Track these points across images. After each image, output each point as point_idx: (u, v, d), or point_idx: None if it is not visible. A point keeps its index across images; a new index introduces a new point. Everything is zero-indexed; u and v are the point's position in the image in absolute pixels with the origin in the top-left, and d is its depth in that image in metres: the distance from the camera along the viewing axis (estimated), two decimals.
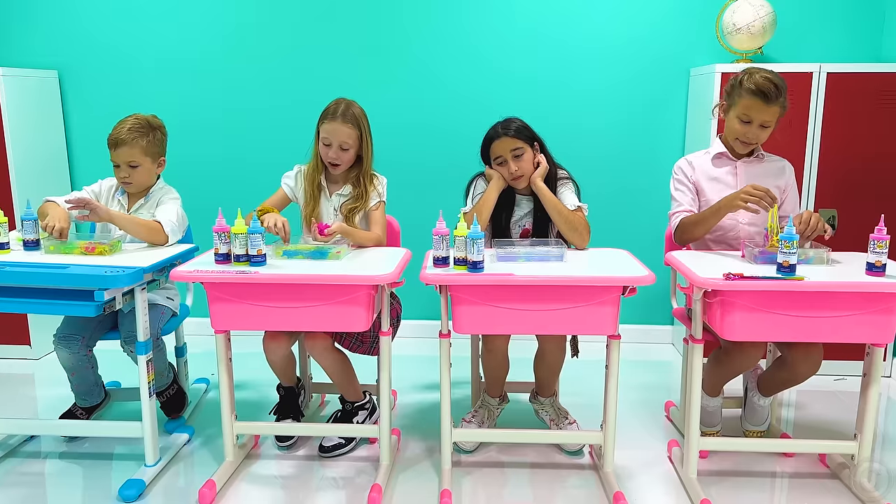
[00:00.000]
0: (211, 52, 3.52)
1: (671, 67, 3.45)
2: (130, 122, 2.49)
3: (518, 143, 2.43)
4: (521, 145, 2.43)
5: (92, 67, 3.56)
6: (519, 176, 2.45)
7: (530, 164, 2.46)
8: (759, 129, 2.35)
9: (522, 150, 2.44)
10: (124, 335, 2.42)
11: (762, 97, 2.29)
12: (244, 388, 3.04)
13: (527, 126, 2.49)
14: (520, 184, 2.48)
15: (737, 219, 2.43)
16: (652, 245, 3.09)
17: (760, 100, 2.30)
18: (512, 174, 2.45)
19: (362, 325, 2.15)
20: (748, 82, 2.31)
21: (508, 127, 2.45)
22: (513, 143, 2.43)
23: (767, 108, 2.30)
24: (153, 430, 2.34)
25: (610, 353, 2.21)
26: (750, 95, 2.31)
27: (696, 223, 2.40)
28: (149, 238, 2.44)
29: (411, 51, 3.48)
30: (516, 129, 2.45)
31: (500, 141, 2.44)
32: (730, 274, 2.04)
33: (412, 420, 2.78)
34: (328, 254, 2.27)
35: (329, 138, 2.44)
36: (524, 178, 2.46)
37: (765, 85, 2.28)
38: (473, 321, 2.14)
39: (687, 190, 2.48)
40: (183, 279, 2.15)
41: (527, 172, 2.45)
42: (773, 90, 2.28)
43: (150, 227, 2.44)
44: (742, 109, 2.35)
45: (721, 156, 2.47)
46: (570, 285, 2.08)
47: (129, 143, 2.46)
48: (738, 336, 2.11)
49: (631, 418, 2.80)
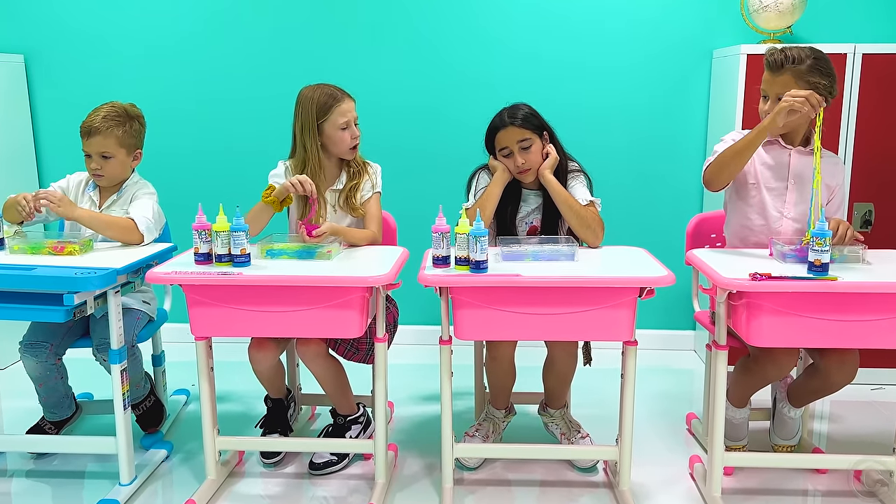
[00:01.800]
0: (191, 34, 3.52)
1: (692, 48, 3.44)
2: (106, 110, 2.49)
3: (526, 133, 2.42)
4: (529, 136, 2.42)
5: (62, 51, 3.56)
6: (526, 169, 2.44)
7: (538, 156, 2.45)
8: (775, 103, 2.30)
9: (530, 141, 2.43)
10: (96, 342, 2.42)
11: (770, 67, 2.30)
12: (227, 400, 3.04)
13: (535, 113, 2.47)
14: (527, 177, 2.48)
15: (782, 212, 2.42)
16: (671, 242, 3.09)
17: (769, 70, 2.31)
18: (519, 167, 2.44)
19: (355, 330, 2.15)
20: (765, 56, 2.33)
21: (515, 115, 2.44)
22: (520, 133, 2.42)
23: (775, 79, 2.30)
24: (128, 446, 2.33)
25: (626, 360, 2.20)
26: (765, 69, 2.33)
27: (738, 151, 2.28)
28: (122, 238, 2.44)
29: (408, 28, 3.48)
30: (524, 117, 2.44)
31: (506, 131, 2.43)
32: (756, 274, 2.04)
33: (410, 434, 2.78)
34: (316, 253, 2.27)
35: (346, 118, 2.45)
36: (532, 171, 2.46)
37: (772, 54, 2.29)
38: (477, 326, 2.14)
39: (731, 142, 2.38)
40: (160, 281, 2.15)
41: (535, 165, 2.45)
42: (780, 57, 2.27)
43: (123, 225, 2.43)
44: (761, 86, 2.36)
45: (773, 143, 2.44)
46: (582, 287, 2.07)
47: (102, 131, 2.46)
48: (765, 342, 2.10)
49: (649, 431, 2.79)
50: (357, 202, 2.52)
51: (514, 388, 2.59)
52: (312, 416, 2.95)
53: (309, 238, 2.30)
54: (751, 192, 2.44)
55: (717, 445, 2.24)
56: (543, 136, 2.46)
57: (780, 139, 2.43)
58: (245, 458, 2.60)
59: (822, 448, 2.62)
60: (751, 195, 2.44)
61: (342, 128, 2.45)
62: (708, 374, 2.53)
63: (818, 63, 2.29)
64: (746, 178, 2.44)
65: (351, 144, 2.49)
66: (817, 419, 2.94)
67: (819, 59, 2.29)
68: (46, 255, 2.31)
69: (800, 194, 2.40)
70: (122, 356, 2.30)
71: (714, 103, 3.44)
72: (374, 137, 2.71)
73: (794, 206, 2.40)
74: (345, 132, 2.46)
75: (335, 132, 2.45)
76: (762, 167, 2.44)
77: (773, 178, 2.42)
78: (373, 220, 2.53)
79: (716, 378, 2.22)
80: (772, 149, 2.45)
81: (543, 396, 2.64)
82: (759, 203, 2.43)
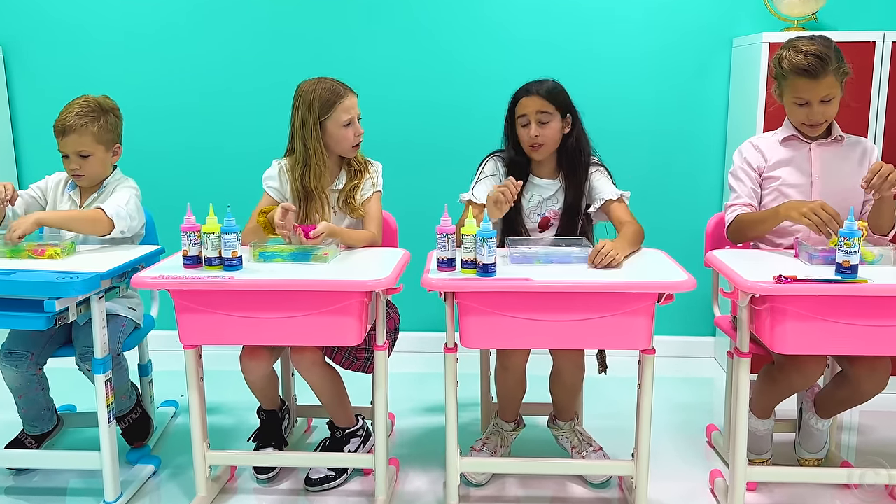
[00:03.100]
0: (179, 23, 3.52)
1: (711, 36, 3.44)
2: (79, 106, 2.48)
3: (548, 105, 2.42)
4: (551, 110, 2.43)
5: (41, 42, 3.55)
6: (539, 144, 2.45)
7: (555, 135, 2.46)
8: (820, 105, 2.33)
9: (550, 116, 2.43)
10: (79, 351, 2.41)
11: (807, 75, 2.29)
12: (218, 412, 3.04)
13: (564, 92, 2.48)
14: (537, 154, 2.48)
15: None
16: (690, 242, 3.08)
17: (806, 78, 2.29)
18: (531, 138, 2.44)
19: (354, 338, 2.14)
20: (787, 63, 2.31)
21: (542, 85, 2.45)
22: (542, 104, 2.42)
23: (819, 84, 2.30)
24: (113, 462, 2.33)
25: (643, 369, 2.19)
26: (794, 76, 2.31)
27: (754, 223, 2.40)
28: (92, 230, 2.44)
29: (408, 15, 3.47)
30: (549, 89, 2.44)
31: (529, 98, 2.44)
32: (781, 276, 2.03)
33: (413, 448, 2.78)
34: (312, 256, 2.26)
35: (350, 115, 2.46)
36: (544, 148, 2.46)
37: (804, 62, 2.27)
38: (484, 334, 2.13)
39: (748, 178, 2.46)
40: (146, 286, 2.15)
41: (548, 142, 2.45)
42: (817, 64, 2.27)
43: (89, 217, 2.43)
44: (793, 92, 2.35)
45: (791, 139, 2.44)
46: (597, 292, 2.07)
47: (78, 129, 2.46)
48: (790, 349, 2.10)
49: (667, 444, 2.79)
50: (357, 202, 2.52)
51: (524, 398, 2.59)
52: (309, 428, 2.95)
53: (305, 240, 2.30)
54: (771, 193, 2.44)
55: (739, 459, 2.23)
56: (566, 117, 2.47)
57: (799, 133, 2.43)
58: (237, 473, 2.59)
59: (851, 462, 2.61)
60: (772, 196, 2.44)
61: (346, 125, 2.46)
62: (729, 384, 2.53)
63: (836, 49, 2.31)
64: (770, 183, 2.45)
65: (354, 142, 2.49)
66: (846, 431, 2.93)
67: (831, 47, 2.31)
68: (26, 259, 2.31)
69: (827, 189, 2.39)
70: (107, 366, 2.29)
71: (734, 95, 3.43)
72: (374, 132, 2.71)
73: None
74: (348, 129, 2.46)
75: (338, 130, 2.45)
76: (783, 167, 2.44)
77: (795, 174, 2.42)
78: (373, 221, 2.52)
79: (738, 387, 2.21)
80: (789, 144, 2.45)
81: (552, 408, 2.63)
82: (782, 202, 2.41)
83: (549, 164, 2.53)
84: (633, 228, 2.37)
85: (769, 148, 2.48)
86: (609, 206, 2.46)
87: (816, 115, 2.35)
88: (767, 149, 2.48)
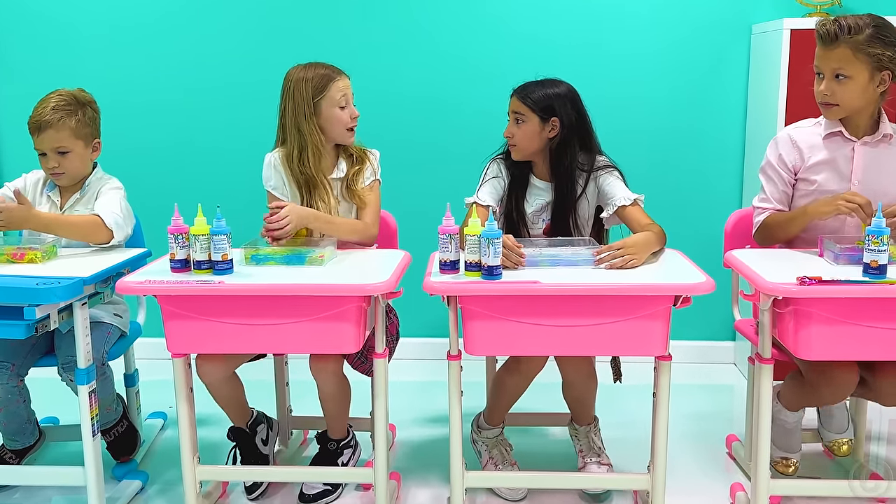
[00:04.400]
0: (165, 14, 3.52)
1: (728, 24, 3.43)
2: (54, 100, 2.48)
3: (521, 107, 2.48)
4: (524, 111, 2.47)
5: (21, 36, 3.55)
6: (511, 144, 2.52)
7: (528, 138, 2.49)
8: (835, 83, 2.28)
9: (525, 118, 2.48)
10: (62, 361, 2.41)
11: (822, 39, 2.27)
12: (209, 424, 3.03)
13: (557, 94, 2.48)
14: (513, 153, 2.54)
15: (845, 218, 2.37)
16: (708, 242, 3.06)
17: (820, 43, 2.28)
18: (506, 137, 2.53)
19: (352, 345, 2.14)
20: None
21: (527, 88, 2.50)
22: (517, 104, 2.50)
23: (830, 53, 2.26)
24: (98, 477, 2.32)
25: (659, 376, 2.19)
26: (817, 43, 2.30)
27: (781, 225, 2.39)
28: (89, 237, 2.44)
29: (406, 7, 3.47)
30: (527, 91, 2.49)
31: (512, 97, 2.52)
32: (805, 277, 2.02)
33: (415, 461, 2.78)
34: (306, 258, 2.25)
35: (344, 93, 2.48)
36: (517, 149, 2.51)
37: (822, 25, 2.26)
38: (489, 340, 2.13)
39: (779, 180, 2.43)
40: (132, 292, 2.15)
41: (521, 144, 2.50)
42: (832, 30, 2.23)
43: (87, 223, 2.43)
44: (814, 63, 2.33)
45: (835, 136, 2.39)
46: (610, 295, 2.07)
47: (55, 124, 2.46)
48: (815, 355, 2.09)
49: (685, 456, 2.78)
50: (359, 188, 2.53)
51: (527, 407, 2.61)
52: (305, 441, 2.94)
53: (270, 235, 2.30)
54: (806, 196, 2.41)
55: (761, 472, 2.22)
56: (549, 120, 2.47)
57: (844, 129, 2.38)
58: (228, 489, 2.59)
59: (880, 474, 2.60)
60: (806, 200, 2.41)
61: (341, 105, 2.47)
62: (751, 391, 2.52)
63: (880, 31, 2.24)
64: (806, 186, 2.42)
65: (350, 125, 2.51)
66: (874, 441, 2.91)
67: (881, 27, 2.25)
68: (5, 264, 2.30)
69: (870, 193, 2.29)
70: (91, 376, 2.29)
71: (753, 85, 3.42)
72: (372, 128, 2.71)
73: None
74: (343, 111, 2.48)
75: (333, 111, 2.46)
76: (820, 167, 2.39)
77: (834, 179, 2.38)
78: (370, 210, 2.52)
79: (759, 395, 2.20)
80: (832, 141, 2.39)
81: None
82: None
83: (544, 166, 2.54)
84: (655, 229, 2.36)
85: (809, 145, 2.41)
86: (623, 211, 2.45)
87: (830, 91, 2.29)
88: (807, 146, 2.41)
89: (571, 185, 2.50)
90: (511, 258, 2.16)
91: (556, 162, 2.50)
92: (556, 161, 2.51)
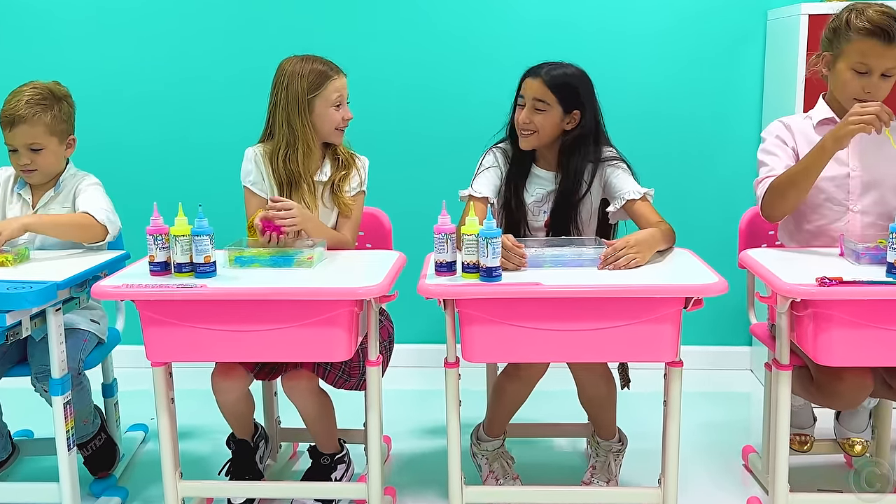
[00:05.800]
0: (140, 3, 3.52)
1: (742, 9, 3.44)
2: (28, 93, 2.48)
3: (548, 94, 2.42)
4: (551, 100, 2.42)
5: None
6: (529, 132, 2.46)
7: (549, 128, 2.45)
8: (881, 80, 2.30)
9: (547, 106, 2.43)
10: (35, 370, 2.40)
11: (881, 37, 2.26)
12: (192, 437, 3.04)
13: (582, 85, 2.46)
14: (524, 142, 2.49)
15: (847, 205, 2.39)
16: (721, 240, 3.07)
17: (878, 40, 2.26)
18: (521, 124, 2.46)
19: (343, 353, 2.14)
20: (859, 20, 2.28)
21: (552, 71, 2.44)
22: (542, 91, 2.42)
23: (889, 51, 2.27)
24: (74, 494, 2.32)
25: (670, 384, 2.19)
26: (863, 36, 2.27)
27: (791, 179, 2.32)
28: (82, 237, 2.45)
29: None
30: (557, 77, 2.43)
31: (534, 80, 2.45)
32: (825, 278, 2.02)
33: (411, 475, 2.78)
34: (294, 260, 2.25)
35: (340, 93, 2.49)
36: (533, 138, 2.47)
37: (882, 20, 2.25)
38: (489, 346, 2.12)
39: (782, 153, 2.42)
40: (109, 296, 2.14)
41: (539, 133, 2.46)
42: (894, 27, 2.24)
43: (78, 222, 2.44)
44: (856, 57, 2.31)
45: (828, 122, 2.41)
46: (616, 297, 2.06)
47: (29, 119, 2.46)
48: (837, 360, 2.08)
49: (698, 468, 2.78)
50: (345, 195, 2.53)
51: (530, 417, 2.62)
52: (294, 454, 2.94)
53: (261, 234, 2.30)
54: None
55: (780, 485, 2.22)
56: (571, 112, 2.45)
57: (837, 116, 2.39)
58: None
59: None
60: None
61: (335, 105, 2.48)
62: (768, 399, 2.52)
63: None
64: None
65: (341, 125, 2.52)
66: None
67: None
68: None
69: (869, 179, 2.36)
70: (66, 386, 2.29)
71: (769, 74, 3.42)
72: (364, 122, 2.71)
73: (861, 197, 2.37)
74: (337, 111, 2.49)
75: (326, 110, 2.48)
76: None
77: (831, 165, 2.36)
78: (352, 223, 2.56)
79: (777, 403, 2.20)
80: (825, 128, 2.39)
81: None
82: (815, 196, 2.39)
83: (551, 155, 2.52)
84: (663, 227, 2.36)
85: (802, 133, 2.44)
86: (631, 206, 2.44)
87: (873, 90, 2.30)
88: (800, 133, 2.45)
89: (578, 181, 2.49)
90: (512, 260, 2.15)
91: (567, 156, 2.48)
92: (566, 155, 2.48)
